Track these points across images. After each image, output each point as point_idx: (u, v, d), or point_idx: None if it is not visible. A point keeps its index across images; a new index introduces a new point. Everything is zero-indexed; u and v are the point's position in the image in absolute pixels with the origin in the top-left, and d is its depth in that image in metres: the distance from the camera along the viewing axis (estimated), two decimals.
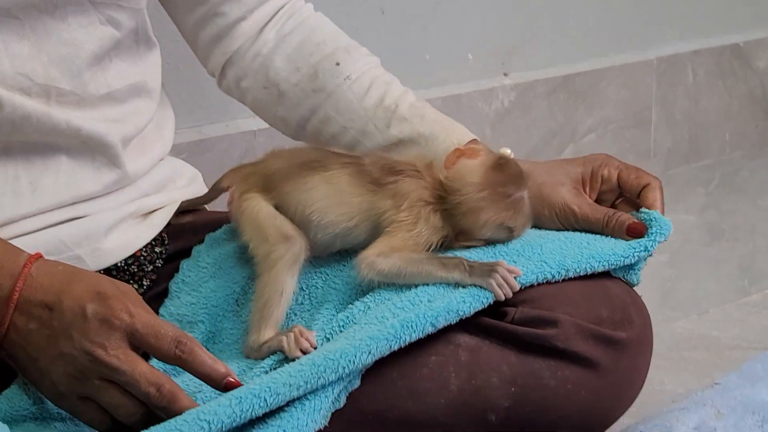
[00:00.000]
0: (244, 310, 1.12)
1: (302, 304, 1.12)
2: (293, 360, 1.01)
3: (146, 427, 0.91)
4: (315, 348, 1.03)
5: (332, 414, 1.01)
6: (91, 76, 1.10)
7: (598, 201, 1.18)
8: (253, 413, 0.93)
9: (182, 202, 1.20)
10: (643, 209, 1.16)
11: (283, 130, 1.30)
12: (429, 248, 1.08)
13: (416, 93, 1.28)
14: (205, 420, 0.91)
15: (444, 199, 1.08)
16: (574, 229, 1.16)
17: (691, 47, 2.36)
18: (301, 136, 1.28)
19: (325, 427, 1.00)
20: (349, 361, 0.98)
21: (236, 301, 1.13)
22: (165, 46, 1.26)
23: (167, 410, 0.94)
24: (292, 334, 1.04)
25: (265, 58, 1.26)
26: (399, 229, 1.07)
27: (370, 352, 0.99)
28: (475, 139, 1.21)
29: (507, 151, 1.13)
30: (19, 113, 1.04)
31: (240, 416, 0.92)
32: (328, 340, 1.04)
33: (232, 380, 0.96)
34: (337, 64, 1.25)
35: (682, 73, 2.35)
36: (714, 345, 1.49)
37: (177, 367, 0.98)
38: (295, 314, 1.11)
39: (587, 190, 1.18)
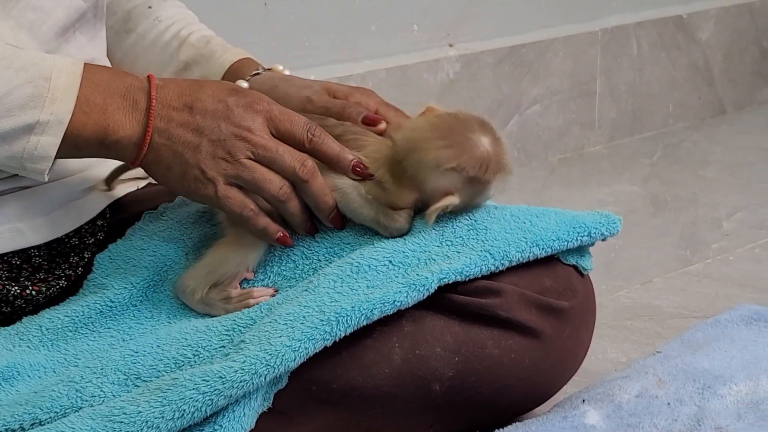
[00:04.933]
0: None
1: (256, 272, 1.11)
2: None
3: (285, 212, 1.05)
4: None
5: (276, 392, 1.01)
6: (56, 46, 1.10)
7: None
8: (192, 419, 0.95)
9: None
10: (596, 210, 1.15)
11: None
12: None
13: (362, 64, 1.29)
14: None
15: (399, 162, 1.07)
16: None
17: (634, 19, 2.37)
18: None
19: (269, 408, 1.01)
20: (288, 364, 0.98)
21: (186, 254, 1.13)
22: None
23: (309, 184, 1.04)
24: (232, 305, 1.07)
25: None
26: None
27: (307, 353, 1.00)
28: (249, 58, 1.25)
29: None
30: None
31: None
32: (270, 309, 1.05)
33: (360, 167, 1.06)
34: (150, 7, 1.30)
35: (626, 44, 2.36)
36: (656, 314, 1.51)
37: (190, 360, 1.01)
38: (248, 283, 1.11)
39: None
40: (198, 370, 0.97)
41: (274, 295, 1.07)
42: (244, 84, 1.20)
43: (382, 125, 1.13)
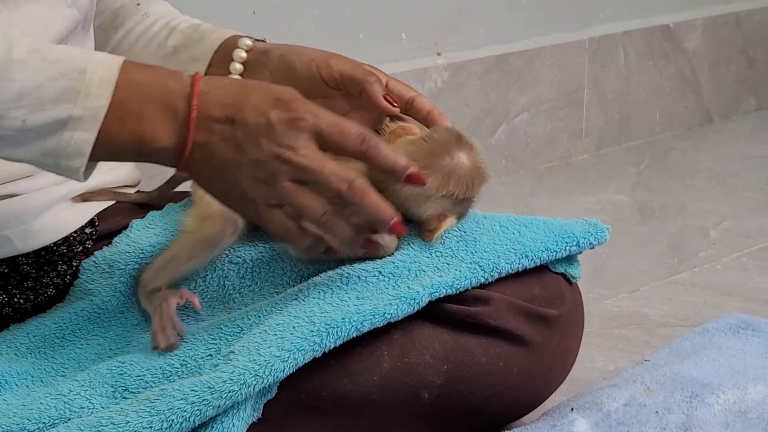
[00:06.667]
0: None
1: (243, 277, 1.11)
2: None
3: (328, 231, 0.98)
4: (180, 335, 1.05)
5: (266, 401, 1.01)
6: None
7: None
8: (181, 429, 0.95)
9: (151, 192, 1.20)
10: (584, 219, 1.15)
11: None
12: None
13: None
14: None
15: (378, 179, 1.08)
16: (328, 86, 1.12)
17: (622, 28, 2.38)
18: None
19: (259, 418, 1.01)
20: (277, 374, 0.98)
21: None
22: None
23: (358, 205, 0.97)
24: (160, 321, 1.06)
25: None
26: None
27: (296, 364, 0.99)
28: (239, 35, 1.20)
29: (447, 124, 1.12)
30: None
31: None
32: (258, 318, 1.05)
33: (415, 171, 0.99)
34: (138, 4, 1.26)
35: (613, 53, 2.37)
36: (644, 322, 1.51)
37: (174, 373, 1.00)
38: (234, 288, 1.11)
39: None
40: (187, 381, 0.97)
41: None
42: (248, 42, 1.16)
43: (397, 109, 1.10)
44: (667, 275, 1.69)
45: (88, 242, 1.16)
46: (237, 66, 1.16)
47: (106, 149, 0.95)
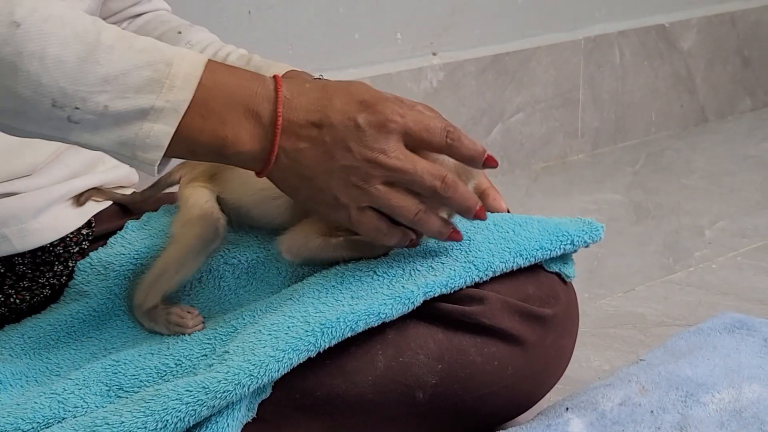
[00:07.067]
0: None
1: (239, 278, 1.11)
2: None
3: (422, 230, 1.00)
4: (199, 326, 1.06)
5: (260, 401, 1.01)
6: None
7: None
8: (175, 429, 0.95)
9: (135, 194, 1.19)
10: (579, 217, 1.15)
11: None
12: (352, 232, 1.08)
13: (345, 72, 1.29)
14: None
15: None
16: None
17: (617, 28, 2.38)
18: None
19: (254, 417, 1.01)
20: (272, 374, 0.98)
21: None
22: None
23: (452, 199, 0.99)
24: (173, 318, 1.07)
25: None
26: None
27: (291, 364, 0.99)
28: (294, 70, 1.21)
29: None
30: None
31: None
32: (253, 317, 1.05)
33: (490, 155, 1.00)
34: (180, 32, 1.26)
35: (609, 53, 2.37)
36: (639, 322, 1.51)
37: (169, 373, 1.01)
38: (230, 288, 1.11)
39: None
40: (181, 381, 0.97)
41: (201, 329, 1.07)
42: None
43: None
44: (663, 275, 1.69)
45: (84, 243, 1.16)
46: None
47: (185, 145, 0.95)
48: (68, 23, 0.91)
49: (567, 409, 1.16)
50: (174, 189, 1.18)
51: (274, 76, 0.97)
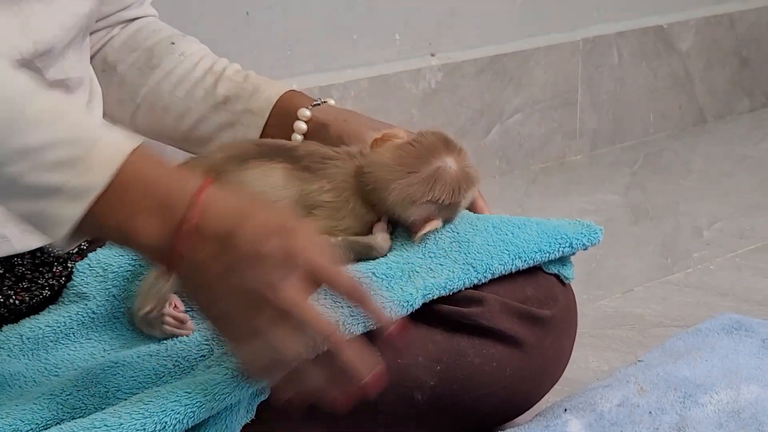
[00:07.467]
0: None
1: None
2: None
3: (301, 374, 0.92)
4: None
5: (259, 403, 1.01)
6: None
7: None
8: (174, 431, 0.94)
9: None
10: (578, 219, 1.16)
11: (119, 114, 1.29)
12: (351, 232, 1.08)
13: (343, 73, 1.29)
14: None
15: (365, 184, 1.08)
16: None
17: (615, 28, 2.38)
18: (137, 115, 1.28)
19: (252, 419, 1.00)
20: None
21: None
22: None
23: (334, 355, 0.91)
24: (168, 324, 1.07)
25: (103, 45, 1.26)
26: (323, 213, 1.07)
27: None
28: (296, 90, 1.20)
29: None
30: None
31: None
32: None
33: (395, 333, 0.94)
34: (172, 43, 1.26)
35: (607, 54, 2.37)
36: (638, 323, 1.51)
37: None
38: None
39: None
40: (180, 383, 0.97)
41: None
42: (307, 113, 1.18)
43: None
44: (661, 276, 1.69)
45: (83, 244, 1.16)
46: (298, 137, 1.19)
47: (91, 228, 0.91)
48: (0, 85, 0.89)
49: (565, 410, 1.16)
50: None
51: (205, 179, 0.92)
